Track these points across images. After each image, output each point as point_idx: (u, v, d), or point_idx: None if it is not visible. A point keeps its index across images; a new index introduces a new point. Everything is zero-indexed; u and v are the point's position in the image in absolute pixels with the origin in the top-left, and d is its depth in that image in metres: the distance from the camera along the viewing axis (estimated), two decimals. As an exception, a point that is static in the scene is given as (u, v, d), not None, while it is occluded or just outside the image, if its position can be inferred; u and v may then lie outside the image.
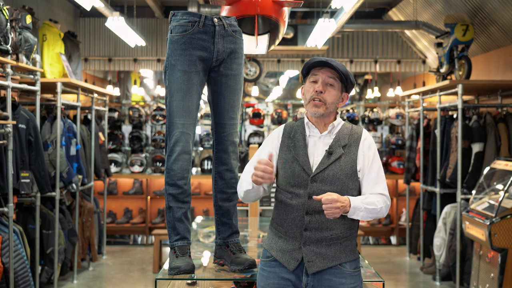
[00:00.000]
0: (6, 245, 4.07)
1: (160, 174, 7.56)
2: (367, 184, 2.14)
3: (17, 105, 4.42)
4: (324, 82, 2.15)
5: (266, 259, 2.21)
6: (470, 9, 5.94)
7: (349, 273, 2.13)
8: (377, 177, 2.14)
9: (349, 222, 2.14)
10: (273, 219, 2.24)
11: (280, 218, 2.18)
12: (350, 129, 2.20)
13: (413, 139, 6.61)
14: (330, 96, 2.15)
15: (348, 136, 2.17)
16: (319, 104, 2.14)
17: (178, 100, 2.45)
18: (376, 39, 8.47)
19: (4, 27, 3.93)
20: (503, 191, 4.20)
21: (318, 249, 2.11)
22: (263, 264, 2.22)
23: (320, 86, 2.14)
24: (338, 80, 2.17)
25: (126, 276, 5.84)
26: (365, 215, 2.07)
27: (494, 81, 5.53)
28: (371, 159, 2.15)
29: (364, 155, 2.15)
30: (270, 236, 2.23)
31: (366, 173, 2.14)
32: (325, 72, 2.16)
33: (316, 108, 2.14)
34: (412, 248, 6.70)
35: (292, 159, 2.16)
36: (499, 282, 4.06)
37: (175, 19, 2.50)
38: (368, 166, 2.14)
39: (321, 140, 2.17)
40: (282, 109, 8.54)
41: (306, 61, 2.19)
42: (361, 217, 2.07)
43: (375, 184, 2.13)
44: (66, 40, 6.18)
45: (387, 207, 2.13)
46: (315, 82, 2.16)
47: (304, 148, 2.16)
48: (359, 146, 2.16)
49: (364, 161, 2.14)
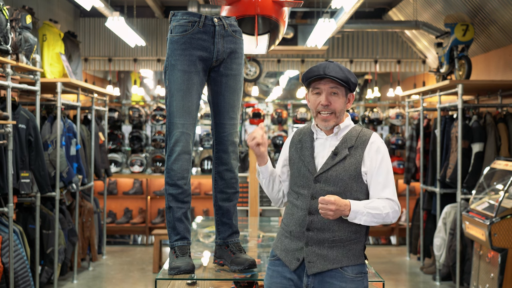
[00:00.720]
0: (6, 245, 4.07)
1: (160, 174, 7.56)
2: (374, 188, 2.12)
3: (17, 105, 4.42)
4: (328, 93, 2.14)
5: (272, 258, 2.25)
6: (470, 9, 5.94)
7: (351, 278, 2.10)
8: (385, 181, 2.11)
9: (355, 226, 2.11)
10: (283, 219, 2.28)
11: (287, 218, 2.22)
12: (359, 131, 2.18)
13: (413, 139, 6.61)
14: (337, 105, 2.14)
15: (355, 138, 2.16)
16: (328, 118, 2.15)
17: (178, 100, 2.45)
18: (376, 39, 8.47)
19: (4, 27, 3.93)
20: (503, 191, 4.20)
21: (320, 250, 2.10)
22: (269, 263, 2.26)
23: (325, 99, 2.13)
24: (340, 87, 2.15)
25: (126, 276, 5.84)
26: (368, 219, 2.04)
27: (494, 81, 5.53)
28: (379, 163, 2.12)
29: (371, 158, 2.12)
30: (279, 235, 2.27)
31: (374, 177, 2.11)
32: (326, 83, 2.14)
33: (326, 122, 2.15)
34: (412, 248, 6.70)
35: (298, 159, 2.20)
36: (499, 282, 4.06)
37: (175, 19, 2.50)
38: (376, 169, 2.11)
39: (328, 142, 2.19)
40: (282, 109, 8.54)
41: (304, 73, 2.18)
42: (363, 222, 2.04)
43: (383, 188, 2.10)
44: (66, 40, 6.17)
45: (396, 213, 2.08)
46: (319, 94, 2.16)
47: (310, 149, 2.19)
48: (365, 149, 2.13)
49: (372, 164, 2.11)
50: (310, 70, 2.15)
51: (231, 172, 2.58)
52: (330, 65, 2.12)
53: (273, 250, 2.25)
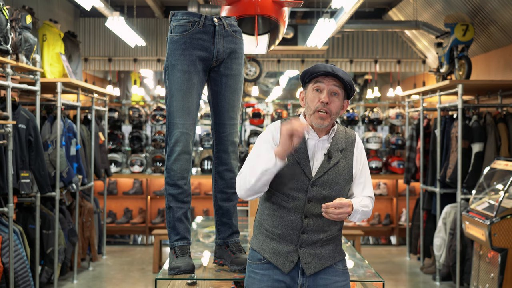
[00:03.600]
0: (6, 245, 4.07)
1: (160, 174, 7.56)
2: (357, 187, 2.18)
3: (17, 105, 4.42)
4: (329, 92, 2.09)
5: (258, 261, 2.17)
6: (470, 9, 5.94)
7: (341, 271, 2.19)
8: (366, 179, 2.19)
9: (340, 223, 2.19)
10: (263, 220, 2.18)
11: (273, 220, 2.14)
12: (344, 132, 2.19)
13: (413, 139, 6.61)
14: (334, 107, 2.11)
15: (344, 139, 2.17)
16: (324, 116, 2.09)
17: (178, 100, 2.45)
18: (376, 39, 8.47)
19: (4, 27, 3.93)
20: (503, 191, 4.20)
21: (314, 251, 2.12)
22: (255, 267, 2.18)
23: (326, 97, 2.08)
24: (342, 89, 2.12)
25: (126, 276, 5.84)
26: (360, 217, 2.12)
27: (494, 81, 5.53)
28: (363, 162, 2.19)
29: (357, 158, 2.17)
30: (260, 237, 2.19)
31: (358, 176, 2.18)
32: (330, 81, 2.10)
33: (321, 121, 2.10)
34: (412, 248, 6.70)
35: (293, 161, 2.09)
36: (499, 282, 4.06)
37: (175, 19, 2.50)
38: (360, 169, 2.18)
39: (320, 143, 2.14)
40: (282, 109, 8.54)
41: (309, 68, 2.13)
42: (357, 220, 2.12)
43: (364, 187, 2.18)
44: (66, 40, 6.17)
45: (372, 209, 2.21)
46: (319, 91, 2.10)
47: (304, 151, 2.12)
48: (354, 150, 2.17)
49: (357, 165, 2.17)
50: (316, 66, 2.11)
51: (231, 172, 2.58)
52: (336, 67, 2.11)
53: (257, 253, 2.17)
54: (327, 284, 2.14)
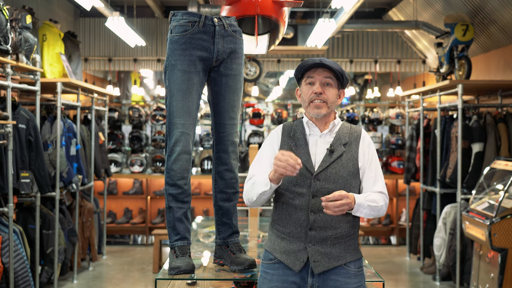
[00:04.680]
0: (6, 245, 4.07)
1: (160, 174, 7.56)
2: (367, 182, 2.16)
3: (17, 105, 4.42)
4: (322, 83, 2.15)
5: (269, 261, 2.18)
6: (470, 9, 5.94)
7: (354, 273, 2.13)
8: (376, 175, 2.17)
9: (352, 220, 2.14)
10: (274, 220, 2.22)
11: (283, 219, 2.16)
12: (349, 128, 2.22)
13: (413, 139, 6.61)
14: (330, 95, 2.15)
15: (348, 134, 2.18)
16: (321, 105, 2.14)
17: (178, 100, 2.45)
18: (376, 39, 8.47)
19: (4, 27, 3.93)
20: (503, 191, 4.20)
21: (323, 249, 2.10)
22: (266, 267, 2.19)
23: (319, 87, 2.14)
24: (334, 79, 2.17)
25: (126, 276, 5.84)
26: (368, 212, 2.08)
27: (494, 81, 5.53)
28: (371, 157, 2.17)
29: (364, 153, 2.17)
30: (272, 237, 2.21)
31: (367, 171, 2.16)
32: (320, 73, 2.16)
33: (318, 110, 2.14)
34: (412, 248, 6.70)
35: None
36: (499, 282, 4.06)
37: (175, 19, 2.50)
38: (368, 163, 2.16)
39: (322, 138, 2.17)
40: (282, 109, 8.54)
41: (299, 64, 2.19)
42: (364, 215, 2.08)
43: (374, 182, 2.15)
44: (66, 40, 6.17)
45: (386, 205, 2.16)
46: (312, 84, 2.16)
47: (305, 147, 2.15)
48: (359, 144, 2.17)
49: (364, 159, 2.16)
50: (305, 61, 2.17)
51: (231, 172, 2.58)
52: (325, 58, 2.16)
53: (269, 253, 2.19)
54: (337, 286, 2.10)
